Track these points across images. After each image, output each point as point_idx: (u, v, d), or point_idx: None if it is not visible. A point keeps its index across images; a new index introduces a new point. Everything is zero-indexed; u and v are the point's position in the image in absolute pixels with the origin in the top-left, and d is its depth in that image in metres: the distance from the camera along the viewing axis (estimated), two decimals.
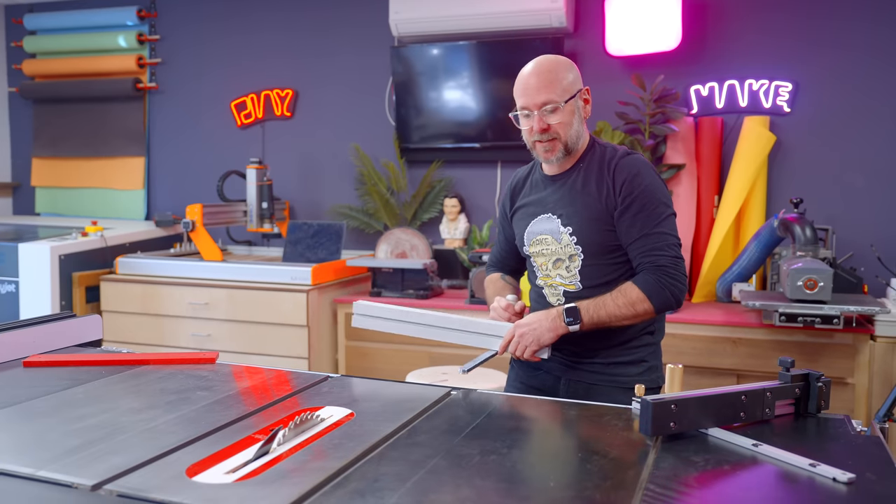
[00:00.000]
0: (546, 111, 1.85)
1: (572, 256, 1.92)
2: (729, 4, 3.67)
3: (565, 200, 1.93)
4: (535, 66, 1.90)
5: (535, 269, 2.02)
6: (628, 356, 1.94)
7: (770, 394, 1.42)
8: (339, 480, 1.11)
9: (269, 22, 4.48)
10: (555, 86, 1.86)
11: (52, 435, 1.29)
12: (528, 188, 2.06)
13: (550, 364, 1.95)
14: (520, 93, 1.89)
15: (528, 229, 2.00)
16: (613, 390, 1.90)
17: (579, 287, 1.92)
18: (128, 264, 3.97)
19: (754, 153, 3.50)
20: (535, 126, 1.87)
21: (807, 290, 2.87)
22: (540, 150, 1.91)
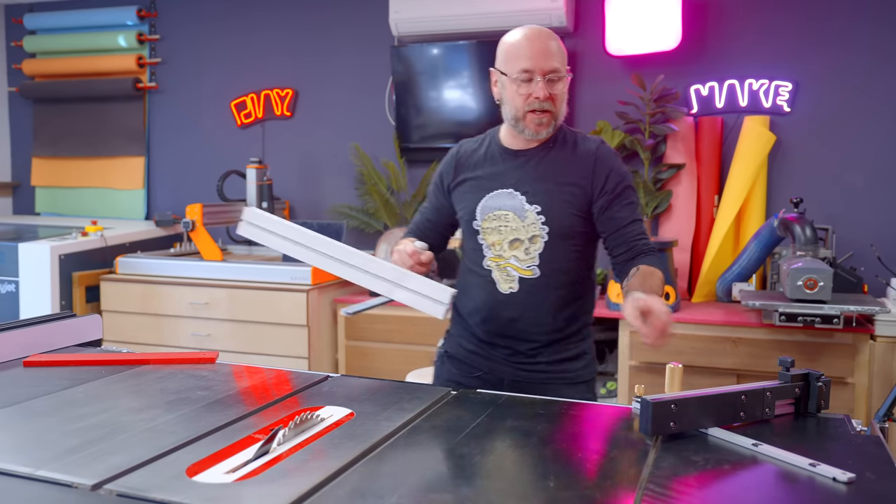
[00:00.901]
0: (551, 79, 1.77)
1: (534, 238, 1.82)
2: (729, 4, 3.67)
3: (532, 178, 1.83)
4: (539, 31, 1.79)
5: (485, 248, 1.87)
6: (573, 350, 1.90)
7: (770, 393, 1.42)
8: (339, 480, 1.11)
9: (269, 21, 4.48)
10: (561, 55, 1.79)
11: (52, 434, 1.29)
12: (480, 160, 1.92)
13: (492, 364, 1.89)
14: (524, 55, 1.77)
15: (483, 203, 1.86)
16: (561, 387, 1.85)
17: (537, 273, 1.82)
18: (128, 264, 3.97)
19: (754, 153, 3.50)
20: (539, 93, 1.75)
21: (807, 289, 2.87)
22: (531, 122, 1.79)
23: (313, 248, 1.71)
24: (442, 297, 1.68)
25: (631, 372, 3.28)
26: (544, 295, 1.84)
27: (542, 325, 1.84)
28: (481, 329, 1.91)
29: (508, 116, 1.84)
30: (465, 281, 1.96)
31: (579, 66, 3.90)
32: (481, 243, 1.87)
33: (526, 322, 1.85)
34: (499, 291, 1.85)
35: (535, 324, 1.84)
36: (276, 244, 1.73)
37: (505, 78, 1.82)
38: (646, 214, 3.59)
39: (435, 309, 1.67)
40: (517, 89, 1.79)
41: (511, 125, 1.85)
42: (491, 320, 1.88)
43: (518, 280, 1.83)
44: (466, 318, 1.96)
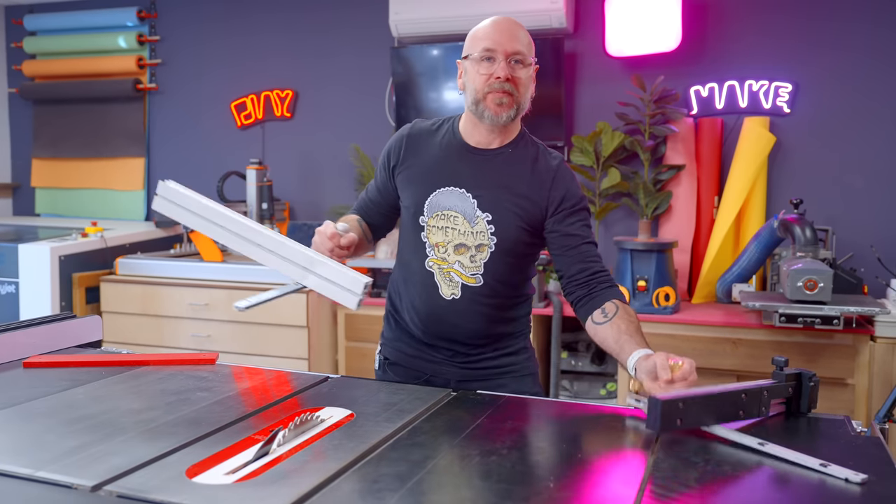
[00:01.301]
0: (515, 62, 1.71)
1: (481, 246, 1.74)
2: (729, 5, 3.67)
3: (487, 182, 1.74)
4: (507, 18, 1.76)
5: (427, 249, 1.78)
6: (513, 347, 1.87)
7: (767, 392, 1.42)
8: (339, 481, 1.11)
9: (269, 23, 4.48)
10: (526, 42, 1.74)
11: (52, 435, 1.29)
12: (434, 147, 1.82)
13: (436, 367, 1.84)
14: (488, 36, 1.72)
15: (432, 199, 1.77)
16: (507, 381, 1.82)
17: (480, 282, 1.75)
18: (128, 265, 3.97)
19: (754, 154, 3.50)
20: (500, 72, 1.69)
21: (807, 290, 2.87)
22: (491, 103, 1.71)
23: (226, 228, 1.63)
24: (355, 287, 1.56)
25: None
26: (486, 303, 1.78)
27: (481, 331, 1.80)
28: (420, 332, 1.84)
29: (469, 101, 1.75)
30: (401, 276, 1.87)
31: (579, 68, 3.90)
32: (424, 241, 1.78)
33: (466, 329, 1.80)
34: (440, 296, 1.78)
35: (475, 331, 1.80)
36: (189, 221, 1.65)
37: (468, 62, 1.76)
38: (646, 215, 3.59)
39: (347, 299, 1.56)
40: (478, 69, 1.72)
41: (472, 111, 1.75)
42: (429, 324, 1.82)
43: (461, 287, 1.76)
44: (402, 314, 1.88)
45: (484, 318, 1.79)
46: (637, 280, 3.30)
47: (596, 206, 3.73)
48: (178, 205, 1.67)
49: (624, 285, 3.33)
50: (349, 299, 1.55)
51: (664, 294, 3.28)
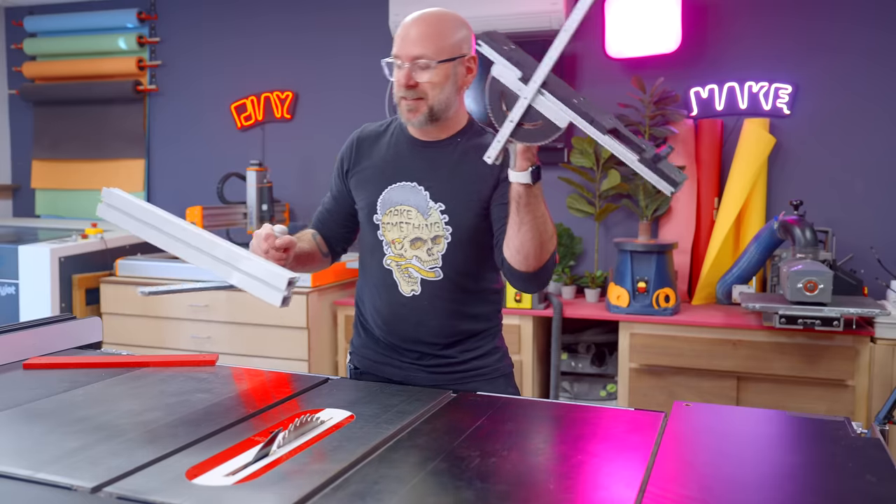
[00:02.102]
0: (417, 66, 1.66)
1: (437, 238, 1.71)
2: (729, 7, 3.67)
3: (437, 174, 1.72)
4: (420, 16, 1.70)
5: (384, 246, 1.76)
6: (483, 347, 1.80)
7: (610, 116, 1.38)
8: (340, 483, 1.11)
9: (269, 24, 4.48)
10: (433, 42, 1.66)
11: (52, 437, 1.29)
12: (383, 147, 1.81)
13: (405, 373, 1.80)
14: (396, 40, 1.70)
15: (385, 195, 1.75)
16: (480, 384, 1.76)
17: (440, 275, 1.72)
18: (128, 266, 3.97)
19: (754, 155, 3.50)
20: (401, 79, 1.67)
21: (807, 292, 2.87)
22: (403, 109, 1.70)
23: (161, 230, 1.60)
24: (278, 282, 1.49)
25: (631, 374, 3.28)
26: (448, 298, 1.74)
27: (448, 328, 1.75)
28: (384, 333, 1.81)
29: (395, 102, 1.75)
30: (363, 281, 1.85)
31: (579, 69, 3.90)
32: (381, 239, 1.76)
33: (430, 326, 1.75)
34: (400, 294, 1.75)
35: (440, 327, 1.75)
36: (130, 225, 1.63)
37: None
38: (646, 217, 3.59)
39: (271, 295, 1.49)
40: (390, 75, 1.73)
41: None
42: (392, 324, 1.78)
43: (420, 282, 1.73)
44: (367, 318, 1.85)
45: (447, 313, 1.75)
46: (637, 281, 3.30)
47: (596, 208, 3.73)
48: (121, 211, 1.65)
49: (624, 286, 3.33)
50: (273, 296, 1.49)
51: (664, 295, 3.28)
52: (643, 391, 3.26)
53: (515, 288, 1.73)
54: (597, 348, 3.64)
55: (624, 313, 3.31)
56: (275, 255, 1.63)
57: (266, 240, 1.63)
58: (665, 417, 1.43)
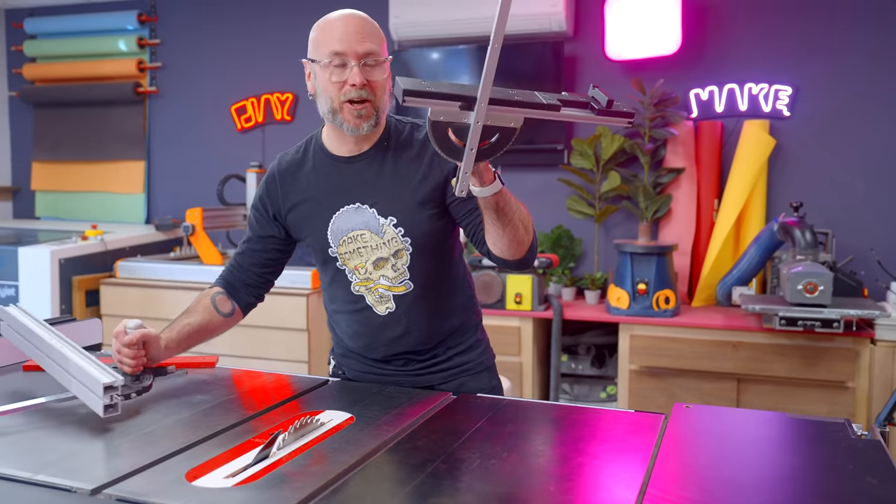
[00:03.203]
0: (368, 63, 1.57)
1: (398, 252, 1.65)
2: (728, 9, 3.68)
3: (377, 187, 1.63)
4: (353, 13, 1.60)
5: (348, 274, 1.69)
6: (466, 343, 1.78)
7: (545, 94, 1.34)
8: (339, 485, 1.11)
9: (269, 26, 4.49)
10: (378, 38, 1.60)
11: (52, 439, 1.29)
12: (308, 174, 1.70)
13: (390, 379, 1.77)
14: (335, 37, 1.56)
15: (333, 225, 1.66)
16: (465, 380, 1.75)
17: (411, 286, 1.67)
18: (127, 268, 3.97)
19: (754, 157, 3.50)
20: (355, 79, 1.55)
21: (807, 293, 2.87)
22: (349, 115, 1.57)
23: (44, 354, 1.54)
24: (96, 388, 1.36)
25: (631, 376, 3.28)
26: (424, 305, 1.70)
27: (430, 334, 1.73)
28: (366, 351, 1.77)
29: (325, 110, 1.61)
30: (333, 309, 1.78)
31: (579, 71, 3.90)
32: (343, 269, 1.69)
33: (412, 336, 1.72)
34: (377, 314, 1.70)
35: (422, 335, 1.72)
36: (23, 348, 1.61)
37: (316, 65, 1.60)
38: (646, 218, 3.59)
39: (95, 403, 1.36)
40: (329, 76, 1.57)
41: (329, 120, 1.63)
42: (375, 343, 1.74)
43: (393, 298, 1.68)
44: (347, 343, 1.80)
45: (426, 319, 1.72)
46: (637, 283, 3.30)
47: (596, 209, 3.73)
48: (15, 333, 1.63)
49: (624, 288, 3.33)
50: (96, 403, 1.35)
51: (664, 297, 3.28)
52: (643, 393, 3.26)
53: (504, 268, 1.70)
54: (597, 350, 3.64)
55: (624, 315, 3.31)
56: (128, 352, 1.52)
57: (116, 338, 1.53)
58: (665, 419, 1.43)
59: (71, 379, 1.44)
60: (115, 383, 1.35)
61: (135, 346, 1.53)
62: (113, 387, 1.35)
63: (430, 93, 1.29)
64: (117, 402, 1.35)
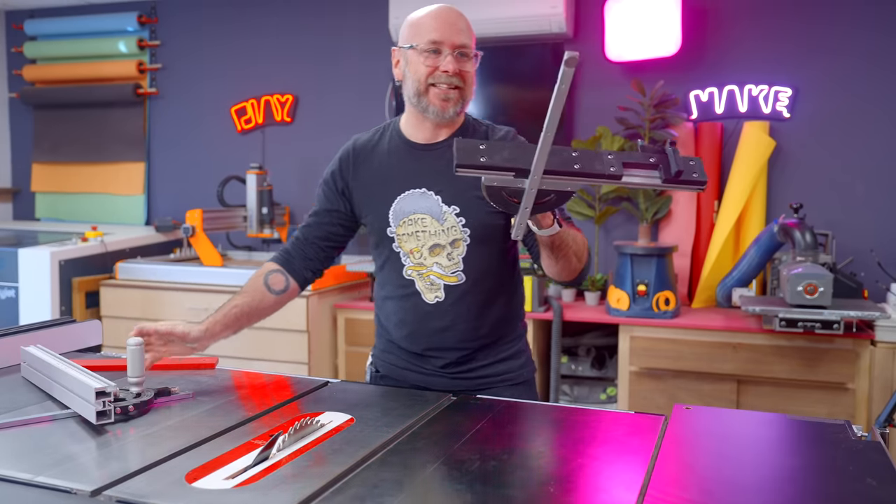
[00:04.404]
0: (461, 54, 1.65)
1: (455, 242, 1.68)
2: (728, 10, 3.68)
3: (446, 176, 1.64)
4: (450, 8, 1.68)
5: (402, 258, 1.72)
6: (508, 350, 1.79)
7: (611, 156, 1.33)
8: (339, 486, 1.11)
9: (269, 27, 4.49)
10: (471, 33, 1.69)
11: (52, 440, 1.29)
12: (381, 156, 1.76)
13: (427, 378, 1.78)
14: (433, 27, 1.65)
15: (396, 206, 1.70)
16: (501, 389, 1.74)
17: (462, 279, 1.69)
18: (127, 269, 3.97)
19: (754, 158, 3.51)
20: (448, 66, 1.63)
21: (807, 295, 2.87)
22: (435, 98, 1.66)
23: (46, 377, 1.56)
24: (88, 395, 1.36)
25: (631, 377, 3.27)
26: (473, 300, 1.72)
27: (474, 331, 1.74)
28: (409, 343, 1.78)
29: (410, 93, 1.69)
30: (382, 294, 1.81)
31: (579, 72, 3.90)
32: (398, 251, 1.72)
33: (456, 331, 1.73)
34: (424, 302, 1.72)
35: (467, 331, 1.73)
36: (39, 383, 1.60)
37: (410, 51, 1.68)
38: (646, 220, 3.59)
39: (87, 410, 1.36)
40: (423, 61, 1.65)
41: (413, 104, 1.70)
42: (419, 334, 1.76)
43: (443, 288, 1.70)
44: (391, 332, 1.82)
45: (472, 316, 1.73)
46: (637, 284, 3.30)
47: (596, 211, 3.73)
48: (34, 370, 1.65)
49: (624, 289, 3.33)
50: (88, 410, 1.36)
51: (664, 298, 3.28)
52: (643, 394, 3.26)
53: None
54: (597, 351, 3.64)
55: (624, 316, 3.31)
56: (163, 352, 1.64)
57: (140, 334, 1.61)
58: (665, 421, 1.43)
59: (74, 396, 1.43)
60: (108, 389, 1.35)
61: (161, 336, 1.63)
62: (105, 392, 1.35)
63: (483, 165, 1.31)
64: (109, 409, 1.35)
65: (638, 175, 1.34)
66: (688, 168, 1.32)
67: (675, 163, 1.31)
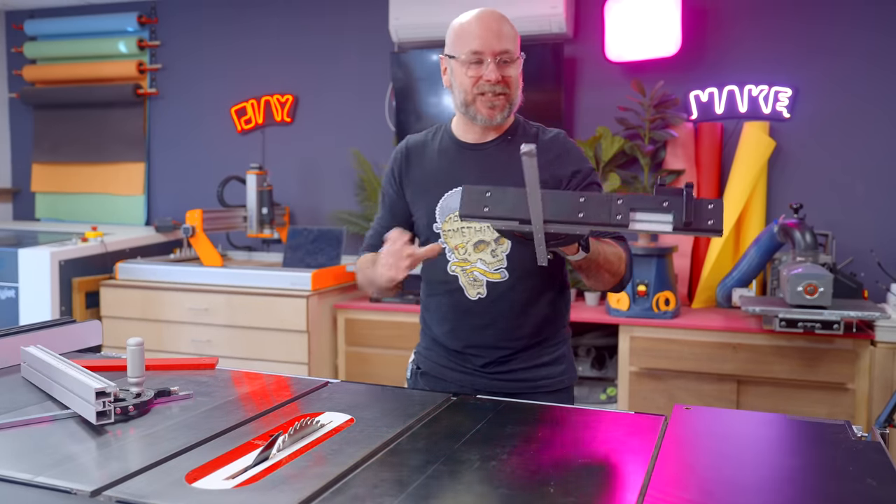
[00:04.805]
0: (503, 61, 1.67)
1: (500, 238, 1.70)
2: (728, 10, 3.68)
3: (494, 174, 1.69)
4: (491, 12, 1.70)
5: (447, 253, 1.75)
6: (550, 355, 1.79)
7: (621, 201, 1.30)
8: (339, 486, 1.11)
9: (269, 28, 4.49)
10: (513, 37, 1.70)
11: (51, 440, 1.29)
12: (433, 155, 1.79)
13: (465, 377, 1.79)
14: (473, 35, 1.67)
15: (443, 203, 1.74)
16: (540, 396, 1.72)
17: (505, 276, 1.71)
18: (127, 270, 3.97)
19: (754, 158, 3.51)
20: (489, 75, 1.66)
21: (807, 295, 2.87)
22: (482, 106, 1.69)
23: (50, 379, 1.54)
24: (88, 395, 1.36)
25: (631, 377, 3.27)
26: (515, 299, 1.72)
27: (515, 330, 1.74)
28: (450, 340, 1.80)
29: (458, 102, 1.73)
30: (426, 291, 1.84)
31: (579, 73, 3.90)
32: (443, 247, 1.73)
33: (497, 329, 1.74)
34: (467, 298, 1.74)
35: (508, 330, 1.74)
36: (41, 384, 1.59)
37: (454, 62, 1.71)
38: None
39: (87, 410, 1.36)
40: (466, 71, 1.69)
41: (461, 112, 1.74)
42: (460, 330, 1.78)
43: (486, 285, 1.72)
44: (434, 329, 1.85)
45: (514, 314, 1.73)
46: (637, 285, 3.30)
47: None
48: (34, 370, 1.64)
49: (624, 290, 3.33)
50: (88, 411, 1.35)
51: (664, 299, 3.28)
52: (643, 394, 3.26)
53: None
54: (597, 352, 3.64)
55: (624, 317, 3.31)
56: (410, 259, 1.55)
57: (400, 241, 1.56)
58: (665, 421, 1.42)
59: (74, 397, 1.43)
60: (108, 389, 1.35)
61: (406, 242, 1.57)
62: (105, 393, 1.35)
63: (486, 215, 1.36)
64: (109, 409, 1.35)
65: (647, 221, 1.31)
66: (704, 213, 1.28)
67: (687, 210, 1.27)
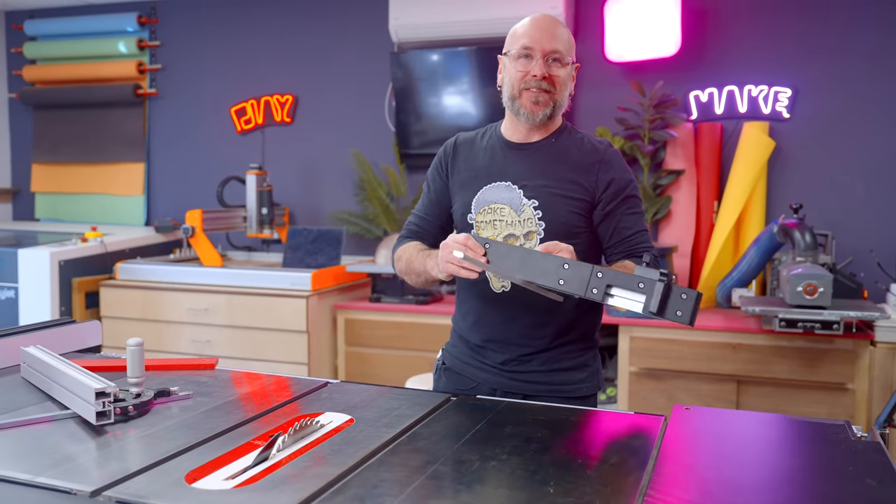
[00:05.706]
0: (553, 59, 1.73)
1: (530, 234, 1.73)
2: (728, 11, 3.68)
3: (532, 172, 1.76)
4: (547, 16, 1.78)
5: None
6: (572, 360, 1.78)
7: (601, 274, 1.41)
8: (339, 486, 1.11)
9: (269, 28, 4.49)
10: (565, 40, 1.76)
11: (51, 440, 1.29)
12: (479, 151, 1.85)
13: (484, 375, 1.80)
14: (527, 33, 1.74)
15: (480, 196, 1.79)
16: (555, 401, 1.67)
17: None
18: (127, 270, 3.97)
19: (754, 159, 3.51)
20: (536, 70, 1.71)
21: (807, 295, 2.87)
22: (527, 100, 1.73)
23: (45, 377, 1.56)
24: (88, 395, 1.35)
25: (631, 378, 3.27)
26: (540, 296, 1.66)
27: (538, 329, 1.75)
28: (473, 333, 1.82)
29: (506, 97, 1.78)
30: (459, 284, 1.86)
31: (579, 73, 3.90)
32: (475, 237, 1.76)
33: (520, 325, 1.76)
34: (491, 290, 1.77)
35: (530, 327, 1.75)
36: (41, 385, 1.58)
37: (506, 58, 1.78)
38: (645, 220, 3.59)
39: (86, 410, 1.36)
40: (515, 66, 1.75)
41: (508, 107, 1.79)
42: (482, 322, 1.80)
43: None
44: (460, 323, 1.88)
45: (536, 311, 1.73)
46: None
47: None
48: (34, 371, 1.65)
49: None
50: (88, 411, 1.35)
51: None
52: (643, 395, 3.26)
53: None
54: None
55: (624, 317, 3.31)
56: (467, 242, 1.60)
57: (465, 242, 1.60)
58: (665, 421, 1.43)
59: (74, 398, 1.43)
60: (107, 389, 1.35)
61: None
62: (105, 393, 1.35)
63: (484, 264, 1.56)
64: (109, 409, 1.35)
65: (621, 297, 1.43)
66: (675, 303, 1.38)
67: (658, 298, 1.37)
